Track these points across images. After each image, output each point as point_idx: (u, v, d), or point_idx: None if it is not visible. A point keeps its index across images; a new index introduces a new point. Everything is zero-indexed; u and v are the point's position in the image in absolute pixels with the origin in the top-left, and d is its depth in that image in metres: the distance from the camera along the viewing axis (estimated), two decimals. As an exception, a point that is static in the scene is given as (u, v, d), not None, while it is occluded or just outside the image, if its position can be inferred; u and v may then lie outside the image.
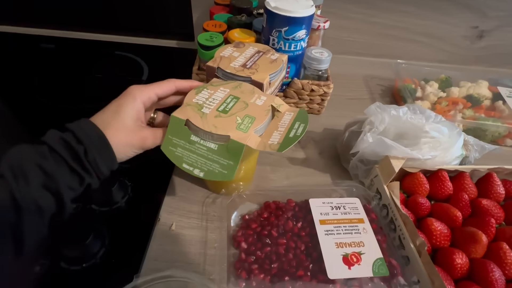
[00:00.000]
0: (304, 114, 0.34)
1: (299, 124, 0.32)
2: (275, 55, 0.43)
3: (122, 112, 0.28)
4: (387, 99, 0.64)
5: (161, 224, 0.37)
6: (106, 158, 0.27)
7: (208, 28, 0.52)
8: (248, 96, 0.34)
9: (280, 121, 0.33)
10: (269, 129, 0.32)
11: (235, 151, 0.29)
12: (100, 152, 0.26)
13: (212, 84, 0.36)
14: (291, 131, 0.31)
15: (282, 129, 0.32)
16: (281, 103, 0.34)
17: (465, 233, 0.35)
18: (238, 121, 0.31)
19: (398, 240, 0.36)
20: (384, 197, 0.39)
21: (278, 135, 0.31)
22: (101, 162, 0.26)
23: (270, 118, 0.33)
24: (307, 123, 0.32)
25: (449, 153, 0.39)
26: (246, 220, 0.37)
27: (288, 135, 0.31)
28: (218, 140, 0.30)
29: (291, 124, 0.32)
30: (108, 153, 0.27)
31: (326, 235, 0.34)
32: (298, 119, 0.33)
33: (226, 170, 0.29)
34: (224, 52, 0.43)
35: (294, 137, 0.30)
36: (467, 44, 0.72)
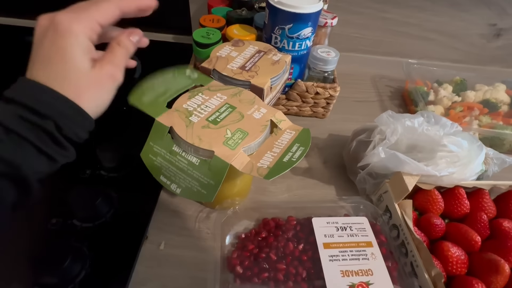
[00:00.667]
0: (307, 135, 0.29)
1: (298, 147, 0.28)
2: (277, 55, 0.39)
3: (70, 59, 0.21)
4: (397, 101, 0.60)
5: (149, 243, 0.34)
6: (84, 124, 0.22)
7: (205, 23, 0.48)
8: (246, 107, 0.30)
9: (278, 140, 0.29)
10: (263, 148, 0.28)
11: (218, 170, 0.26)
12: (77, 121, 0.21)
13: (209, 89, 0.32)
14: (287, 155, 0.27)
15: (277, 150, 0.28)
16: (282, 118, 0.30)
17: (485, 261, 0.32)
18: (227, 134, 0.27)
19: (410, 266, 0.32)
20: (394, 216, 0.35)
21: (270, 157, 0.27)
22: (80, 130, 0.22)
23: (266, 135, 0.29)
24: (308, 147, 0.28)
25: (468, 169, 0.35)
26: (242, 240, 0.34)
27: (282, 159, 0.26)
28: (201, 154, 0.27)
29: (289, 145, 0.28)
30: (83, 119, 0.22)
31: (331, 261, 0.30)
32: (299, 140, 0.29)
33: (205, 190, 0.26)
34: (221, 52, 0.39)
35: (288, 163, 0.26)
36: (483, 43, 0.67)
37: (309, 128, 0.30)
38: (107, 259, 0.32)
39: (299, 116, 0.53)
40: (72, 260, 0.30)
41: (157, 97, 0.30)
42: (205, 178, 0.26)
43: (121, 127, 0.46)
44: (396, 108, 0.58)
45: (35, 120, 0.20)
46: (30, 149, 0.20)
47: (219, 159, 0.26)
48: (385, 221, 0.36)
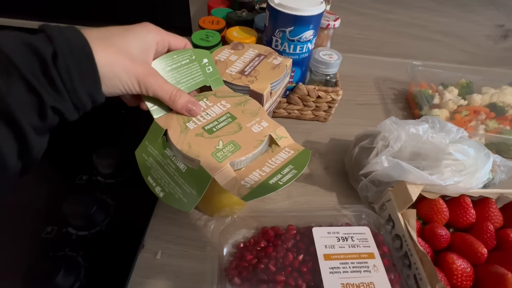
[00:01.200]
0: (305, 158, 0.27)
1: (291, 170, 0.26)
2: (278, 59, 0.38)
3: (130, 35, 0.23)
4: (400, 104, 0.59)
5: (145, 252, 0.33)
6: (86, 75, 0.19)
7: (204, 25, 0.47)
8: (247, 118, 0.29)
9: (272, 158, 0.27)
10: (254, 164, 0.27)
11: (201, 180, 0.25)
12: (79, 65, 0.19)
13: (216, 95, 0.31)
14: (275, 176, 0.25)
15: (267, 169, 0.26)
16: (283, 135, 0.29)
17: (491, 274, 0.30)
18: (218, 146, 0.26)
19: (413, 279, 0.31)
20: (397, 226, 0.34)
21: (258, 176, 0.25)
22: (78, 80, 0.19)
23: (261, 151, 0.28)
24: (301, 171, 0.26)
25: (474, 178, 0.34)
26: (241, 249, 0.33)
27: (269, 180, 0.25)
28: (188, 162, 0.26)
29: (282, 166, 0.26)
30: (89, 69, 0.20)
31: (331, 274, 0.30)
32: (294, 162, 0.27)
33: (186, 198, 0.25)
34: (220, 55, 0.38)
35: (273, 186, 0.24)
36: (490, 44, 0.66)
37: (310, 151, 0.28)
38: (102, 269, 0.31)
39: (301, 120, 0.52)
40: (66, 271, 0.29)
41: None
42: (188, 187, 0.25)
43: (118, 132, 0.45)
44: (400, 111, 0.57)
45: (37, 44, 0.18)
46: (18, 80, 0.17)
47: (203, 170, 0.25)
48: (388, 230, 0.35)
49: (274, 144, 0.29)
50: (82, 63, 0.19)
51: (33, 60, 0.18)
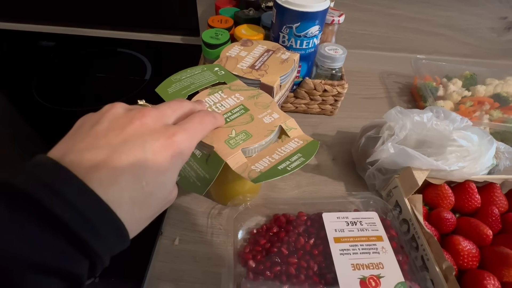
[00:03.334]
0: (313, 148, 0.29)
1: (299, 157, 0.27)
2: (286, 54, 0.40)
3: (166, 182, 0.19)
4: (405, 97, 0.60)
5: (164, 239, 0.35)
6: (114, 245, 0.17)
7: (213, 24, 0.49)
8: (259, 110, 0.31)
9: (281, 147, 0.29)
10: (264, 152, 0.28)
11: (214, 165, 0.26)
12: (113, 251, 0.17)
13: (230, 88, 0.33)
14: (284, 163, 0.27)
15: (277, 156, 0.28)
16: (293, 126, 0.31)
17: (496, 254, 0.32)
18: (231, 134, 0.28)
19: (421, 260, 0.33)
20: (404, 211, 0.35)
21: (267, 162, 0.27)
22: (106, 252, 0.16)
23: (271, 141, 0.29)
24: (309, 159, 0.27)
25: (479, 163, 0.35)
26: (254, 235, 0.35)
27: (278, 166, 0.26)
28: (203, 148, 0.28)
29: (291, 154, 0.28)
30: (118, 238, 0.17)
31: (342, 255, 0.31)
32: (303, 151, 0.28)
33: (200, 182, 0.27)
34: (230, 52, 0.40)
35: (281, 170, 0.26)
36: (494, 36, 0.66)
37: (318, 141, 0.29)
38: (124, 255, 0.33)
39: (308, 114, 0.53)
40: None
41: (181, 89, 0.32)
42: (202, 171, 0.27)
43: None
44: (404, 104, 0.58)
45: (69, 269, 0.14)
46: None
47: (216, 155, 0.26)
48: (395, 216, 0.36)
49: (284, 134, 0.31)
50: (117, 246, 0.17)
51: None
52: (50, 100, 0.52)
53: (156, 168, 0.18)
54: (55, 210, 0.14)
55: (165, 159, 0.19)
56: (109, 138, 0.18)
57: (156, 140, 0.19)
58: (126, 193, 0.17)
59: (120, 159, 0.17)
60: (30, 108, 0.51)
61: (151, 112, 0.20)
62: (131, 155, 0.17)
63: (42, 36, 0.67)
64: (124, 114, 0.20)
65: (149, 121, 0.19)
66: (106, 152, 0.17)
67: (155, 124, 0.20)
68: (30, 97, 0.53)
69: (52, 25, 0.70)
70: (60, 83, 0.57)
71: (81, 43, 0.67)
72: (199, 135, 0.22)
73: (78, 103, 0.53)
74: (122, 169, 0.17)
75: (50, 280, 0.14)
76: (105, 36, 0.69)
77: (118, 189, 0.16)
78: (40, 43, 0.65)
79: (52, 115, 0.50)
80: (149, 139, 0.18)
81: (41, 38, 0.67)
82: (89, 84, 0.57)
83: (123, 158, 0.17)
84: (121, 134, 0.18)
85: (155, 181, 0.18)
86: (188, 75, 0.34)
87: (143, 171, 0.17)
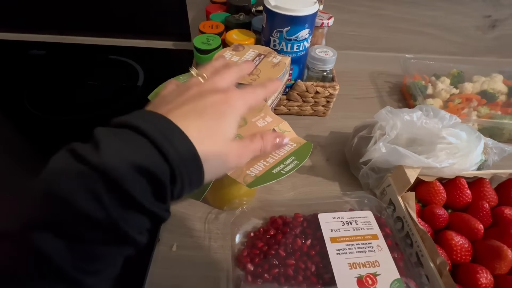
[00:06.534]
0: (307, 150, 0.29)
1: (293, 160, 0.28)
2: (277, 57, 0.40)
3: (224, 122, 0.22)
4: (396, 97, 0.61)
5: (161, 245, 0.35)
6: (194, 184, 0.20)
7: (205, 29, 0.49)
8: (252, 114, 0.31)
9: (276, 150, 0.29)
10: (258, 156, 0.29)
11: None
12: (191, 178, 0.20)
13: None
14: (278, 166, 0.27)
15: (271, 160, 0.28)
16: (287, 129, 0.31)
17: (488, 248, 0.32)
18: None
19: (415, 256, 0.33)
20: (398, 209, 0.36)
21: (262, 166, 0.27)
22: (188, 190, 0.20)
23: None
24: (303, 162, 0.28)
25: (468, 159, 0.36)
26: (252, 238, 0.35)
27: (272, 169, 0.27)
28: None
29: (285, 157, 0.28)
30: (197, 178, 0.20)
31: (338, 255, 0.31)
32: (296, 153, 0.29)
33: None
34: None
35: (276, 174, 0.26)
36: (479, 34, 0.68)
37: (312, 143, 0.30)
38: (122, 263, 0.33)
39: (301, 116, 0.54)
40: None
41: None
42: None
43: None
44: (395, 103, 0.59)
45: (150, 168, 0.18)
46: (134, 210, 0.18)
47: None
48: (389, 214, 0.37)
49: None
50: (193, 177, 0.20)
51: (152, 190, 0.18)
52: (41, 109, 0.52)
53: (214, 111, 0.22)
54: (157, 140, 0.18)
55: (222, 106, 0.22)
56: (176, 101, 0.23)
57: (213, 95, 0.23)
58: (193, 123, 0.21)
59: (187, 106, 0.22)
60: (21, 117, 0.51)
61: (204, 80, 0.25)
62: (193, 104, 0.22)
63: (33, 45, 0.67)
64: (181, 85, 0.26)
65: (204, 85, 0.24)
66: (174, 106, 0.22)
67: (209, 86, 0.24)
68: (22, 107, 0.52)
69: (42, 33, 0.70)
70: (52, 92, 0.57)
71: (72, 51, 0.67)
72: (250, 97, 0.25)
73: (70, 112, 0.52)
74: (188, 111, 0.22)
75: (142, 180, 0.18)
76: (96, 43, 0.69)
77: (186, 121, 0.21)
78: (30, 52, 0.65)
79: (43, 124, 0.50)
80: (207, 95, 0.23)
81: (31, 47, 0.66)
82: (81, 92, 0.57)
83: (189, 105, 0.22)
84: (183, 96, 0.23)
85: (216, 119, 0.22)
86: (180, 81, 0.34)
87: (205, 111, 0.22)
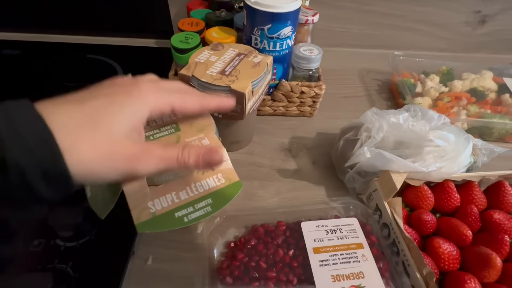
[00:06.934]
0: (232, 192, 0.25)
1: (206, 205, 0.24)
2: (258, 57, 0.38)
3: (111, 114, 0.19)
4: (385, 95, 0.59)
5: (136, 258, 0.33)
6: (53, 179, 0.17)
7: (184, 27, 0.46)
8: (190, 132, 0.28)
9: (197, 182, 0.25)
10: (174, 184, 0.25)
11: (115, 188, 0.23)
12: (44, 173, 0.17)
13: None
14: (186, 208, 0.23)
15: (184, 196, 0.24)
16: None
17: (476, 255, 0.31)
18: None
19: (401, 265, 0.32)
20: (384, 215, 0.35)
21: (170, 201, 0.23)
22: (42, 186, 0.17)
23: (186, 172, 0.26)
24: (216, 211, 0.23)
25: (456, 162, 0.35)
26: (232, 249, 0.33)
27: (176, 211, 0.23)
28: None
29: (202, 196, 0.24)
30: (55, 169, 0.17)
31: (321, 266, 0.30)
32: (217, 195, 0.24)
33: (102, 203, 0.24)
34: (200, 57, 0.38)
35: (176, 220, 0.22)
36: (469, 30, 0.67)
37: (242, 185, 0.25)
38: (93, 279, 0.31)
39: (286, 116, 0.52)
40: (56, 284, 0.29)
41: None
42: (106, 191, 0.24)
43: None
44: (384, 101, 0.58)
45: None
46: None
47: None
48: (376, 220, 0.36)
49: None
50: (45, 163, 0.17)
51: None
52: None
53: (104, 100, 0.19)
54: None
55: (118, 96, 0.20)
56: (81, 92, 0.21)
57: (119, 87, 0.21)
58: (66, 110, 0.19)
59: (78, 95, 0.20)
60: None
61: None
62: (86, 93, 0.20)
63: (5, 45, 0.63)
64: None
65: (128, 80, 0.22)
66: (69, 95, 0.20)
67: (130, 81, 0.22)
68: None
69: (15, 32, 0.66)
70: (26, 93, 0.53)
71: (48, 50, 0.64)
72: (170, 98, 0.22)
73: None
74: (74, 98, 0.19)
75: None
76: (73, 42, 0.66)
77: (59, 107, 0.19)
78: (3, 52, 0.62)
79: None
80: (113, 86, 0.21)
81: (4, 47, 0.62)
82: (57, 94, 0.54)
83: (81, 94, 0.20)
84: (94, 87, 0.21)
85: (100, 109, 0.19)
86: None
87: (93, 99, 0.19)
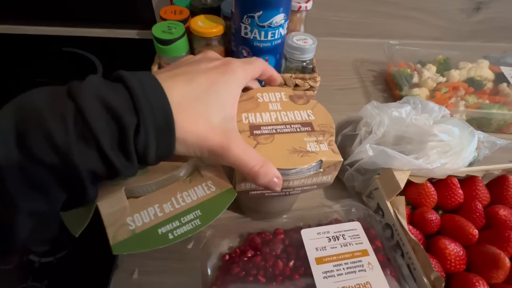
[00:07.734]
0: (224, 201, 0.22)
1: (195, 217, 0.21)
2: (315, 145, 0.27)
3: (212, 99, 0.20)
4: (380, 86, 0.57)
5: (120, 272, 0.30)
6: (161, 148, 0.18)
7: (166, 16, 0.42)
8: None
9: (185, 192, 0.22)
10: (159, 194, 0.22)
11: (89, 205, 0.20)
12: (158, 139, 0.18)
13: None
14: (171, 223, 0.20)
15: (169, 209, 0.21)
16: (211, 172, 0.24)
17: (484, 255, 0.30)
18: None
19: (407, 268, 0.30)
20: (387, 215, 0.33)
21: (152, 215, 0.20)
22: (153, 153, 0.18)
23: (174, 178, 0.23)
24: (206, 224, 0.21)
25: (460, 158, 0.33)
26: (227, 262, 0.31)
27: (160, 227, 0.20)
28: None
29: (190, 208, 0.21)
30: (167, 143, 0.18)
31: (325, 279, 0.28)
32: (207, 206, 0.21)
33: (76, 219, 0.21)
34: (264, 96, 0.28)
35: (159, 238, 0.20)
36: (463, 18, 0.65)
37: (235, 193, 0.23)
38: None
39: (280, 111, 0.49)
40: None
41: None
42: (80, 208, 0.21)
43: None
44: (380, 93, 0.56)
45: (117, 108, 0.16)
46: (94, 151, 0.16)
47: None
48: (378, 220, 0.34)
49: (197, 172, 0.23)
50: (162, 137, 0.18)
51: (115, 134, 0.17)
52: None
53: (205, 77, 0.21)
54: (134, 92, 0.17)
55: (217, 73, 0.21)
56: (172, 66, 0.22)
57: (210, 62, 0.22)
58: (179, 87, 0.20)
59: (178, 70, 0.21)
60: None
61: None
62: (185, 68, 0.21)
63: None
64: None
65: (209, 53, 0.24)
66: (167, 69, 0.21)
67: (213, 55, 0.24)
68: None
69: None
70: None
71: (19, 43, 0.58)
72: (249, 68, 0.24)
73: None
74: (177, 73, 0.20)
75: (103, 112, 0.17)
76: (47, 34, 0.60)
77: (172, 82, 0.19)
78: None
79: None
80: (203, 61, 0.22)
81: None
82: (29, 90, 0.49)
83: (181, 69, 0.21)
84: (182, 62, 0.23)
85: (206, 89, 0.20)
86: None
87: (197, 77, 0.20)
